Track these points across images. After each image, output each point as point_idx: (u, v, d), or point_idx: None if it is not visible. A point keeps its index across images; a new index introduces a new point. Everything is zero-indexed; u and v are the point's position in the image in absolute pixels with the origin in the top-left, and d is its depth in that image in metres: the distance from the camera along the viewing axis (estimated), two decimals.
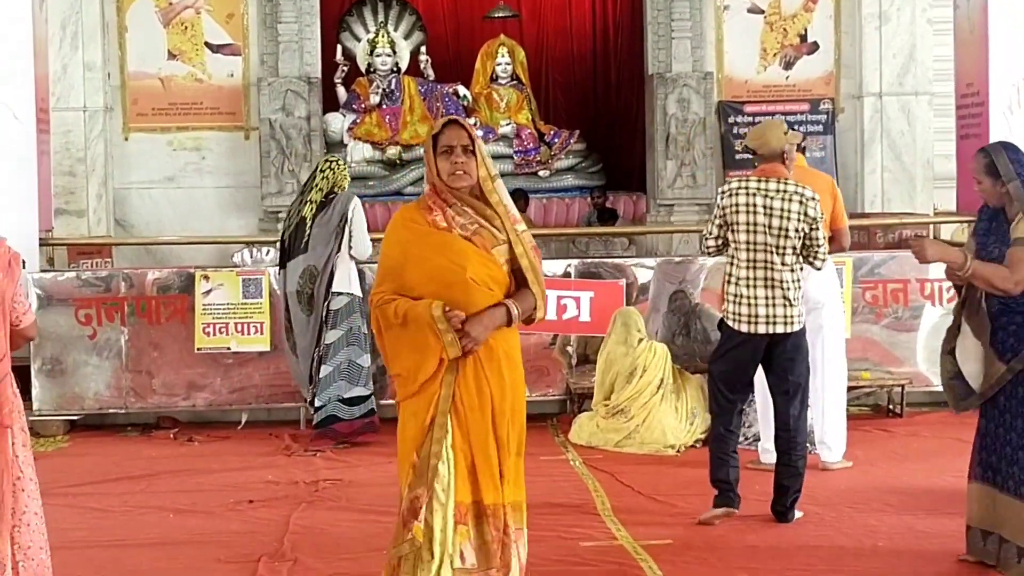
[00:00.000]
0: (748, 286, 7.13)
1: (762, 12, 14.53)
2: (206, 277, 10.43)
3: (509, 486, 5.19)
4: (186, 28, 14.21)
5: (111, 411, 10.54)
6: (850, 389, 9.92)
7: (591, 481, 8.35)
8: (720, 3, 14.48)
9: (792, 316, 7.14)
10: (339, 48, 15.66)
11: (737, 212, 7.14)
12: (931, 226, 11.85)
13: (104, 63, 13.91)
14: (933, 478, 8.21)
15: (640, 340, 9.61)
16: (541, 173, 15.26)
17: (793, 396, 7.28)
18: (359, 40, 15.90)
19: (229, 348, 10.41)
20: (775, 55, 14.56)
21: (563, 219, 15.07)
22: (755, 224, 7.11)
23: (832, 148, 14.35)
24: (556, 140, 15.47)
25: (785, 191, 7.11)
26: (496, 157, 15.10)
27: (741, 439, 8.85)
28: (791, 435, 7.30)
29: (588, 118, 16.94)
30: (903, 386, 10.31)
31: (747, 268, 7.14)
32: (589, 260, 11.17)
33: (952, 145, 12.18)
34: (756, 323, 7.13)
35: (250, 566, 6.56)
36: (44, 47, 11.75)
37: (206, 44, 14.26)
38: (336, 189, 9.67)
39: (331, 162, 9.89)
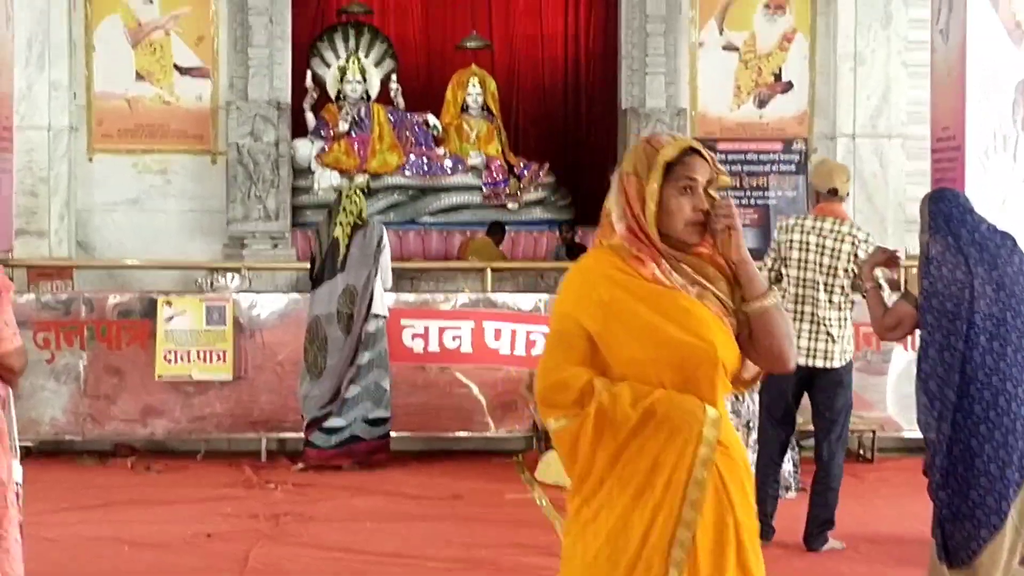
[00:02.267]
0: (793, 319, 7.33)
1: (737, 50, 14.51)
2: (169, 303, 10.28)
3: None
4: (155, 49, 14.06)
5: (67, 437, 10.34)
6: None
7: (559, 522, 8.19)
8: (695, 39, 14.44)
9: (832, 352, 7.39)
10: (309, 74, 15.54)
11: (791, 248, 7.46)
12: (903, 269, 11.78)
13: (70, 82, 13.75)
14: (904, 525, 8.10)
15: None
16: (510, 205, 15.17)
17: (828, 431, 7.51)
18: (329, 66, 15.79)
19: (190, 376, 10.24)
20: (749, 93, 14.53)
21: (531, 252, 14.97)
22: (806, 261, 7.40)
23: (804, 188, 14.27)
24: (526, 172, 15.39)
25: (839, 231, 7.39)
26: (465, 188, 15.04)
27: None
28: (824, 468, 7.54)
29: (558, 151, 16.88)
30: (874, 432, 10.22)
31: (795, 302, 7.41)
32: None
33: (926, 189, 12.05)
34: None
35: None
36: (9, 65, 11.60)
37: (175, 66, 14.11)
38: (362, 215, 9.89)
39: (354, 189, 10.41)
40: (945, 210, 6.00)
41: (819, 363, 7.36)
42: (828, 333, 7.35)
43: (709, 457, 3.45)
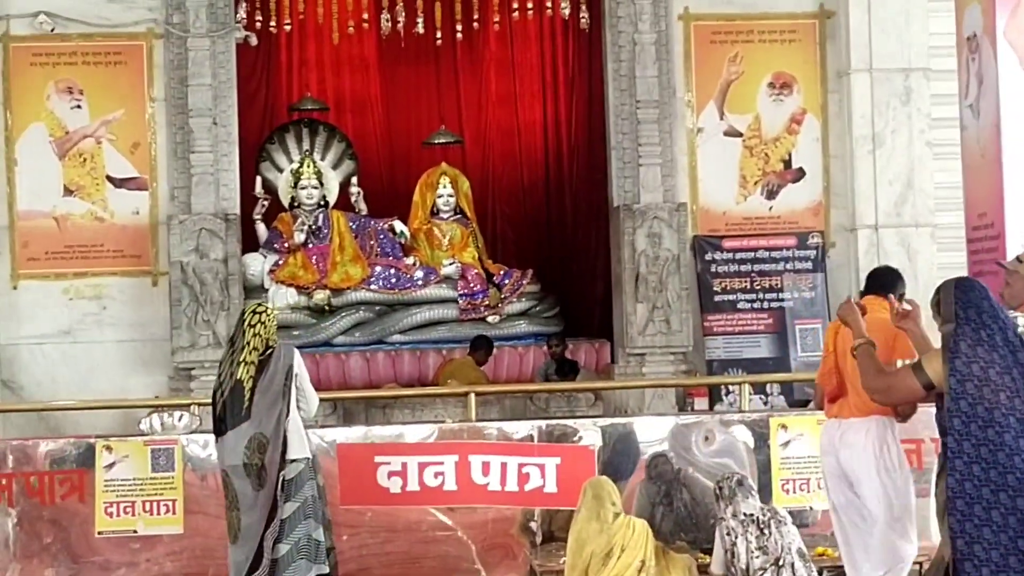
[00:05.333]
0: None
1: (740, 135, 14.53)
2: (108, 448, 10.11)
3: None
4: (85, 160, 14.00)
5: None
6: None
7: None
8: (693, 125, 14.45)
9: None
10: (258, 180, 15.48)
11: None
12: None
13: None
14: None
15: (616, 515, 9.28)
16: (490, 319, 15.06)
17: None
18: (281, 171, 15.75)
19: (135, 531, 10.05)
20: (756, 183, 14.51)
21: (516, 371, 14.83)
22: None
23: (823, 287, 14.23)
24: (506, 281, 15.30)
25: None
26: (438, 302, 14.95)
27: None
28: None
29: (542, 256, 16.81)
30: (920, 564, 10.01)
31: None
32: (555, 421, 10.89)
33: None
34: None
35: None
36: None
37: (108, 178, 14.04)
38: (271, 343, 9.27)
39: (259, 313, 9.35)
40: (975, 301, 5.93)
41: None
42: None
43: None
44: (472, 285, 15.18)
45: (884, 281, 8.38)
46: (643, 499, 10.07)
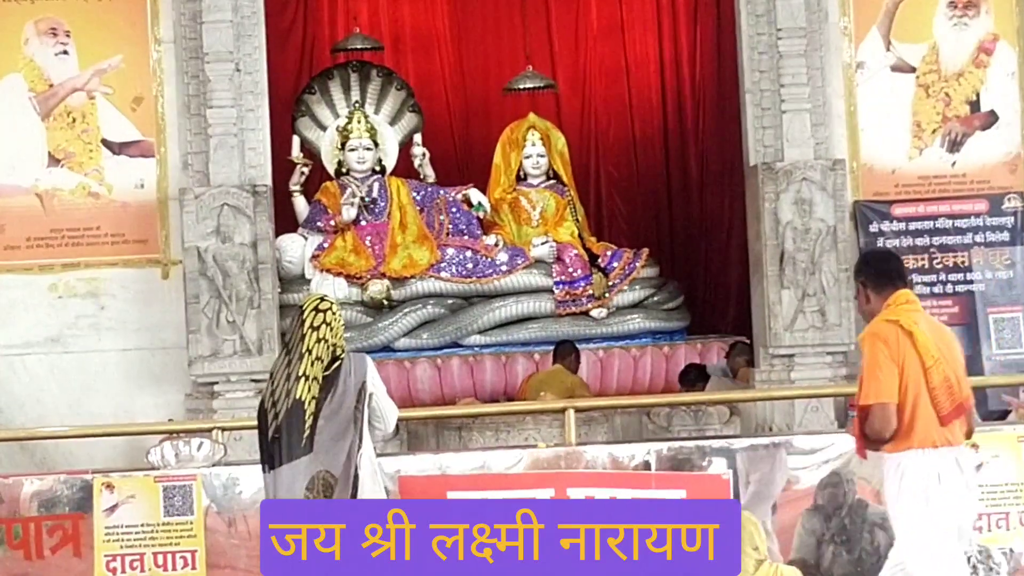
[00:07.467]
0: None
1: (913, 70, 14.47)
2: (110, 486, 10.19)
3: None
4: (75, 120, 14.12)
5: None
6: None
7: None
8: (851, 59, 14.38)
9: None
10: (295, 141, 15.53)
11: None
12: None
13: None
14: None
15: (759, 562, 9.31)
16: (595, 313, 15.08)
17: None
18: (324, 129, 15.79)
19: None
20: (934, 132, 14.44)
21: (628, 379, 14.85)
22: None
23: (1023, 264, 14.10)
24: (615, 264, 15.32)
25: None
26: (528, 292, 14.95)
27: None
28: None
29: (660, 231, 16.85)
30: None
31: None
32: (678, 443, 10.85)
33: None
34: None
35: None
36: None
37: (104, 142, 14.17)
38: (339, 352, 9.18)
39: (322, 312, 9.06)
40: None
41: None
42: None
43: None
44: (571, 270, 15.20)
45: None
46: (805, 535, 9.99)
